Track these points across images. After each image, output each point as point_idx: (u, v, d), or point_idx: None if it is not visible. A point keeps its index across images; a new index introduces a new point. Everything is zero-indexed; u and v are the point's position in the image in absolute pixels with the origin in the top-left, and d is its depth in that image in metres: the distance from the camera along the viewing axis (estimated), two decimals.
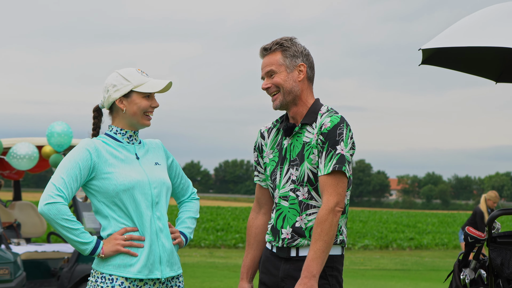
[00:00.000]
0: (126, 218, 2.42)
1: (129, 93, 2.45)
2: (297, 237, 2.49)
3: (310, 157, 2.49)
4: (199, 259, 13.42)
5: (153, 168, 2.50)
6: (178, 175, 2.64)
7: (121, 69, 2.48)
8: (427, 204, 75.46)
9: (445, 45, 3.14)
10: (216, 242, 17.02)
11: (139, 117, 2.47)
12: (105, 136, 2.50)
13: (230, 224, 21.28)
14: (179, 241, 2.53)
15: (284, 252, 2.52)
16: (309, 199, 2.49)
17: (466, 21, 3.18)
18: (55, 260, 6.96)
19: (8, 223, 7.23)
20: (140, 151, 2.52)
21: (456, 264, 3.28)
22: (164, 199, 2.49)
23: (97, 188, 2.42)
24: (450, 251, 18.32)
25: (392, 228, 23.61)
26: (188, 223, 2.62)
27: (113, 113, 2.51)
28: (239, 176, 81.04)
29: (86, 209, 7.04)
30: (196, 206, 2.67)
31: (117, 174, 2.41)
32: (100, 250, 2.39)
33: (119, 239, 2.39)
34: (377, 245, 18.30)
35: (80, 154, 2.40)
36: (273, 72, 2.52)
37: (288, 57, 2.52)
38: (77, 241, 2.36)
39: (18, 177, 7.77)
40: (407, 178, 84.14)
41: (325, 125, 2.47)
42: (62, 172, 2.37)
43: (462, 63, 3.72)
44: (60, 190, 2.35)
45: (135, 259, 2.40)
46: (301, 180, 2.50)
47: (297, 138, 2.53)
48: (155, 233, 2.44)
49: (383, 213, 36.96)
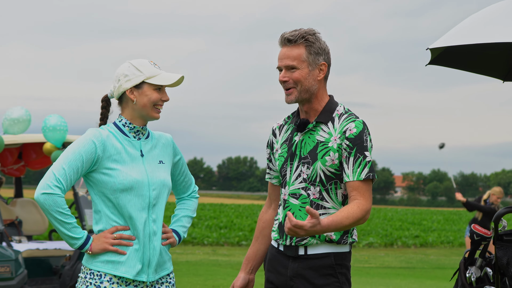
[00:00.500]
0: (118, 216, 2.40)
1: (141, 84, 2.42)
2: (306, 236, 2.42)
3: (325, 158, 2.45)
4: (202, 256, 13.40)
5: (156, 167, 2.46)
6: (182, 173, 2.61)
7: (134, 60, 2.45)
8: (432, 201, 75.41)
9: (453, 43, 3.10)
10: (219, 239, 17.00)
11: (148, 109, 2.43)
12: (113, 126, 2.46)
13: (233, 222, 21.25)
14: (171, 241, 2.51)
15: (291, 251, 2.49)
16: (320, 199, 2.46)
17: (473, 19, 3.15)
18: (57, 258, 6.94)
19: (9, 220, 7.23)
20: (146, 146, 2.48)
21: (462, 262, 3.27)
22: (163, 201, 2.46)
23: (96, 181, 2.40)
24: (456, 249, 18.28)
25: (397, 226, 23.58)
26: (183, 222, 2.60)
27: (123, 103, 2.47)
28: (243, 173, 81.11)
29: (88, 206, 7.02)
30: (195, 205, 2.65)
31: (118, 172, 2.38)
32: (89, 246, 2.38)
33: (109, 237, 2.38)
34: (381, 242, 18.28)
35: (85, 146, 2.37)
36: (294, 68, 2.45)
37: (312, 53, 2.45)
38: (67, 235, 2.36)
39: (19, 174, 7.75)
40: (412, 175, 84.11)
41: (351, 130, 2.43)
42: (65, 162, 2.35)
43: (469, 63, 3.69)
44: (59, 181, 2.33)
45: (123, 257, 2.39)
46: (312, 179, 2.46)
47: (310, 135, 2.49)
48: (148, 236, 2.42)
49: (387, 210, 36.92)
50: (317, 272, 2.45)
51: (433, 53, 3.39)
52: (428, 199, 77.31)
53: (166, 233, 2.50)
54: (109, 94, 2.51)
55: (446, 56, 3.49)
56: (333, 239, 2.46)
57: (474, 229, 3.19)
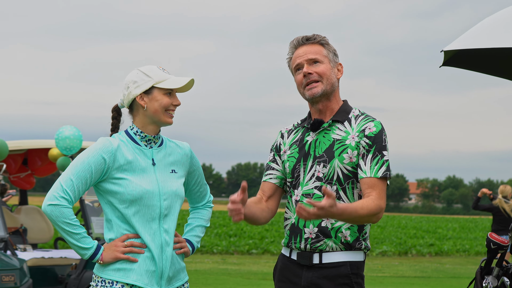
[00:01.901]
0: (129, 225, 2.40)
1: (150, 89, 2.41)
2: (322, 237, 2.42)
3: (342, 155, 2.44)
4: (211, 265, 13.32)
5: (168, 176, 2.44)
6: (198, 183, 2.59)
7: (142, 66, 2.46)
8: (448, 209, 74.91)
9: (467, 46, 3.09)
10: (228, 248, 16.91)
11: (160, 115, 2.41)
12: (124, 135, 2.44)
13: (243, 230, 21.16)
14: (184, 251, 2.50)
15: (306, 259, 2.44)
16: (337, 198, 2.42)
17: (489, 22, 3.12)
18: (63, 267, 6.91)
19: (14, 228, 7.20)
20: (158, 155, 2.45)
21: (478, 271, 3.26)
22: (175, 211, 2.44)
23: (105, 191, 2.40)
24: (472, 257, 18.11)
25: (411, 234, 23.40)
26: (197, 232, 2.59)
27: (134, 111, 2.45)
28: (253, 179, 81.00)
29: (95, 214, 6.96)
30: (209, 214, 2.63)
31: (128, 182, 2.37)
32: (100, 256, 2.38)
33: (119, 245, 2.38)
34: (395, 251, 18.12)
35: (95, 156, 2.35)
36: (318, 61, 2.48)
37: (331, 52, 2.52)
38: (77, 246, 2.37)
39: (29, 186, 7.70)
40: (427, 181, 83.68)
41: (370, 129, 2.45)
42: (73, 172, 2.34)
43: (484, 65, 3.66)
44: (66, 192, 2.32)
45: (135, 265, 2.38)
46: (329, 178, 2.44)
47: (325, 135, 2.48)
48: (160, 247, 2.40)
49: (402, 218, 36.72)
50: (333, 281, 2.41)
51: (446, 55, 3.35)
52: (443, 207, 76.80)
53: (180, 242, 2.48)
54: (119, 103, 2.49)
55: (460, 58, 3.45)
56: (348, 240, 2.42)
57: (490, 237, 3.15)
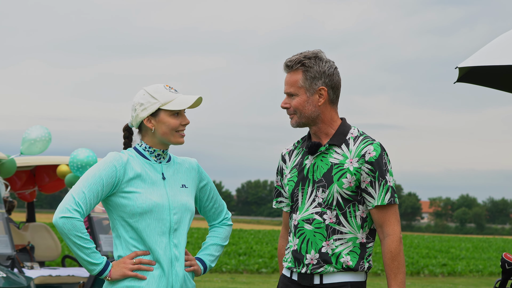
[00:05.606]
0: (138, 241, 2.37)
1: (157, 112, 2.39)
2: (323, 263, 2.42)
3: (341, 180, 2.42)
4: (220, 284, 13.18)
5: (178, 191, 2.43)
6: (211, 199, 2.56)
7: (148, 86, 2.44)
8: (461, 228, 74.01)
9: (483, 63, 3.06)
10: (238, 266, 16.74)
11: (169, 136, 2.40)
12: (133, 151, 2.45)
13: (252, 248, 20.98)
14: (194, 269, 2.46)
15: (307, 280, 2.44)
16: (337, 224, 2.43)
17: (504, 38, 3.11)
18: (70, 285, 6.87)
19: (21, 245, 7.17)
20: (168, 170, 2.44)
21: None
22: (185, 226, 2.42)
23: (115, 205, 2.38)
24: (485, 278, 17.81)
25: (424, 253, 23.10)
26: (211, 250, 2.55)
27: (142, 131, 2.45)
28: (262, 197, 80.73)
29: (103, 232, 6.91)
30: (226, 232, 2.59)
31: (137, 195, 2.36)
32: (108, 272, 2.36)
33: (128, 263, 2.36)
34: (407, 271, 17.88)
35: (106, 169, 2.35)
36: (293, 94, 2.46)
37: (308, 78, 2.44)
38: (86, 260, 2.34)
39: (30, 199, 7.67)
40: (440, 200, 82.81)
41: (370, 153, 2.42)
42: (84, 185, 2.33)
43: (500, 81, 3.61)
44: (78, 205, 2.31)
45: (143, 282, 2.36)
46: (329, 203, 2.43)
47: (322, 158, 2.46)
48: (170, 261, 2.38)
49: (414, 237, 36.29)
50: None
51: (461, 71, 3.32)
52: (456, 226, 75.89)
53: (189, 261, 2.45)
54: (129, 123, 2.48)
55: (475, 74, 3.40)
56: (350, 265, 2.42)
57: (505, 257, 3.08)
